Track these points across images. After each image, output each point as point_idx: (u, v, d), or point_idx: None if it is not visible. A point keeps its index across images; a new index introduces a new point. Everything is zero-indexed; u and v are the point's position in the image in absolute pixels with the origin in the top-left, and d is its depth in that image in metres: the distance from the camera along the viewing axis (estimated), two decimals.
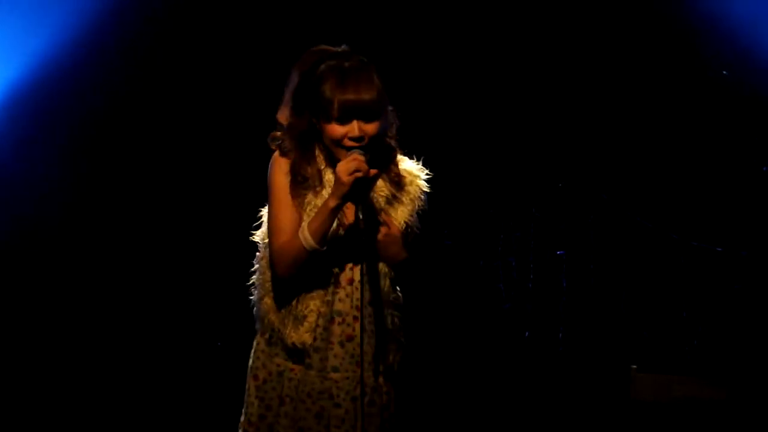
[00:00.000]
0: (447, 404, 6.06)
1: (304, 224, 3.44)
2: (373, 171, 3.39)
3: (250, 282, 3.70)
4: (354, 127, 3.41)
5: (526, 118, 6.23)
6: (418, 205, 3.62)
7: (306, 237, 3.42)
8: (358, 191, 3.37)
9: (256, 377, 3.64)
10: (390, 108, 3.55)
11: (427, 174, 3.68)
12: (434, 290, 5.30)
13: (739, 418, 5.47)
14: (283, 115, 3.62)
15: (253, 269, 3.69)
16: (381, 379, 3.60)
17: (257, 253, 3.68)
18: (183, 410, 6.01)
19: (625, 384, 5.68)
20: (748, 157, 6.06)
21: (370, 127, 3.42)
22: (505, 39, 6.19)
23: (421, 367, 3.83)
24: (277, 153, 3.58)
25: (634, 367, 5.67)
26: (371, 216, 3.49)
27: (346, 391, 3.55)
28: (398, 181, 3.59)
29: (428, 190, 3.66)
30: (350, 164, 3.35)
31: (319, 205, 3.46)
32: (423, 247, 3.65)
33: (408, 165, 3.65)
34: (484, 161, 6.26)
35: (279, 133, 3.59)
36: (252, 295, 3.68)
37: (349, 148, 3.41)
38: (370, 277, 3.54)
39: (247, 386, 3.67)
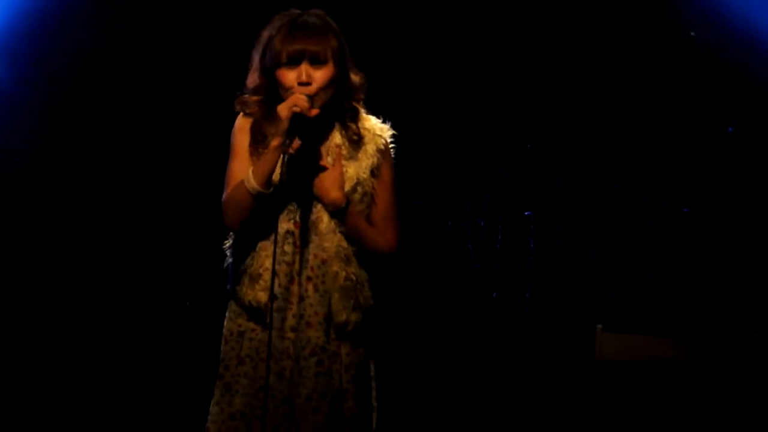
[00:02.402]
0: (415, 366, 6.07)
1: (250, 169, 3.48)
2: (314, 111, 3.43)
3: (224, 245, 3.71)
4: (302, 71, 3.46)
5: (495, 79, 6.22)
6: (374, 162, 3.62)
7: (249, 179, 3.46)
8: (298, 129, 3.41)
9: (224, 339, 3.65)
10: (355, 73, 3.61)
11: (391, 133, 3.67)
12: (402, 250, 5.27)
13: (704, 378, 5.51)
14: (251, 79, 3.64)
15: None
16: (332, 340, 3.57)
17: None
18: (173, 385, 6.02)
19: (591, 343, 5.71)
20: (713, 118, 6.07)
21: (318, 74, 3.48)
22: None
23: (389, 329, 3.81)
24: (240, 114, 3.63)
25: (600, 326, 5.70)
26: (313, 161, 3.53)
27: (299, 351, 3.54)
28: (357, 141, 3.60)
29: (384, 148, 3.65)
30: (289, 101, 3.43)
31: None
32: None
33: (372, 124, 3.66)
34: (452, 121, 6.25)
35: (244, 96, 3.61)
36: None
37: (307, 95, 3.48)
38: (318, 234, 3.56)
39: None
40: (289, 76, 3.48)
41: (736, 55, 6.02)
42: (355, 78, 3.63)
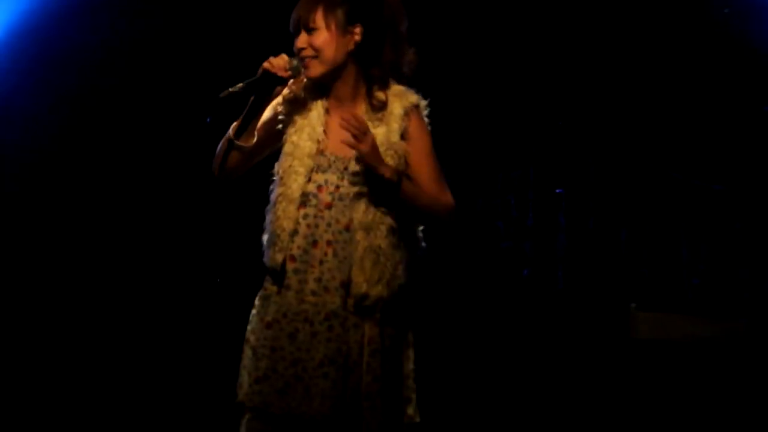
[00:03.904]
0: (445, 344, 6.06)
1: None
2: (286, 73, 3.55)
3: None
4: (299, 38, 3.59)
5: (527, 56, 6.19)
6: (401, 124, 3.60)
7: (230, 128, 3.65)
8: (267, 85, 3.58)
9: (254, 304, 3.66)
10: (392, 45, 3.61)
11: (419, 96, 3.65)
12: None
13: (738, 356, 5.48)
14: None
15: None
16: (351, 309, 3.54)
17: None
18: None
19: (625, 322, 5.69)
20: (749, 97, 6.03)
21: (312, 39, 3.56)
22: None
23: (419, 306, 3.77)
24: None
25: (634, 305, 5.68)
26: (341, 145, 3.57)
27: (318, 314, 3.52)
28: (380, 106, 3.61)
29: (411, 107, 3.62)
30: (270, 58, 3.58)
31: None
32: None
33: (400, 90, 3.65)
34: (483, 100, 6.23)
35: None
36: None
37: (301, 59, 3.59)
38: (342, 199, 3.56)
39: None
40: (296, 43, 3.60)
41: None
42: (392, 50, 3.61)
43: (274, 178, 3.64)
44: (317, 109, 3.61)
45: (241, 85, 3.54)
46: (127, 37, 6.14)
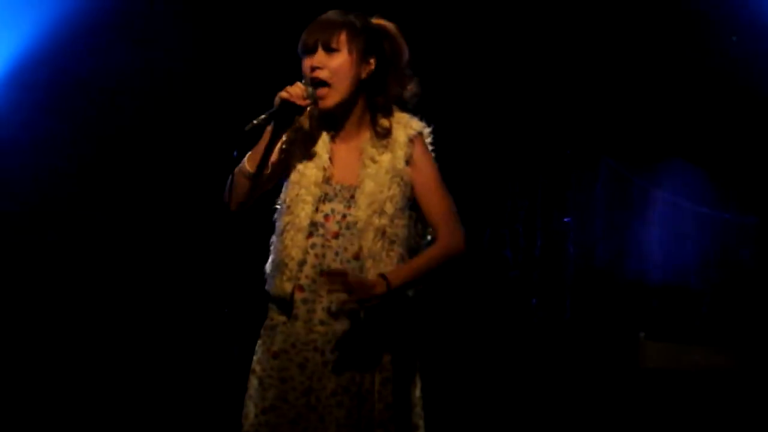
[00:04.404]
0: (454, 373, 6.05)
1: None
2: (305, 101, 3.48)
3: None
4: (314, 57, 3.53)
5: (533, 86, 6.20)
6: (406, 151, 3.58)
7: (245, 158, 3.57)
8: (286, 115, 3.51)
9: (259, 334, 3.64)
10: (399, 75, 3.61)
11: (424, 124, 3.64)
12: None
13: (747, 386, 5.46)
14: None
15: None
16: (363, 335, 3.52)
17: None
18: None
19: (634, 352, 5.67)
20: (756, 125, 6.02)
21: (330, 60, 3.51)
22: (513, 4, 6.16)
23: (427, 335, 3.76)
24: None
25: (643, 334, 5.66)
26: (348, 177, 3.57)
27: (327, 342, 3.51)
28: (384, 134, 3.59)
29: (415, 134, 3.60)
30: (287, 87, 3.50)
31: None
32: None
33: (404, 118, 3.64)
34: (491, 128, 6.24)
35: None
36: None
37: (311, 80, 3.52)
38: (349, 228, 3.54)
39: None
40: (306, 64, 3.55)
41: None
42: (396, 81, 3.62)
43: (279, 206, 3.63)
44: (323, 137, 3.60)
45: (264, 116, 3.48)
46: (140, 66, 6.16)
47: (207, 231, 6.10)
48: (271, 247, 3.63)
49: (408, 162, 3.59)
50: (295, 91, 3.48)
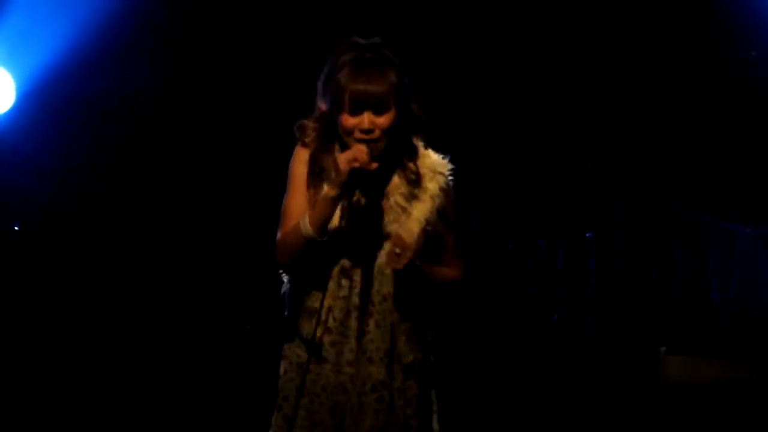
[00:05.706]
0: (476, 388, 6.06)
1: (306, 213, 3.40)
2: (373, 165, 3.32)
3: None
4: (364, 119, 3.36)
5: (554, 100, 6.21)
6: (439, 203, 3.53)
7: (305, 225, 3.38)
8: (356, 182, 3.34)
9: (283, 369, 3.60)
10: (414, 105, 3.48)
11: (451, 169, 3.61)
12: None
13: None
14: (316, 106, 3.56)
15: None
16: (397, 377, 3.52)
17: None
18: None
19: (654, 366, 5.67)
20: None
21: (381, 120, 3.37)
22: (533, 19, 6.17)
23: (450, 352, 3.78)
24: (299, 144, 3.54)
25: (664, 349, 5.66)
26: (376, 219, 3.48)
27: (359, 386, 3.50)
28: (416, 180, 3.50)
29: (446, 186, 3.55)
30: (350, 153, 3.32)
31: None
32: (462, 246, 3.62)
33: (431, 161, 3.57)
34: (512, 143, 6.25)
35: (305, 122, 3.57)
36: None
37: (359, 141, 3.36)
38: (377, 269, 3.49)
39: None
40: (351, 121, 3.37)
41: None
42: (414, 109, 3.49)
43: None
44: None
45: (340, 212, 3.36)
46: (156, 86, 6.21)
47: (225, 241, 6.15)
48: (288, 278, 3.58)
49: (439, 212, 3.53)
50: (362, 157, 3.30)
